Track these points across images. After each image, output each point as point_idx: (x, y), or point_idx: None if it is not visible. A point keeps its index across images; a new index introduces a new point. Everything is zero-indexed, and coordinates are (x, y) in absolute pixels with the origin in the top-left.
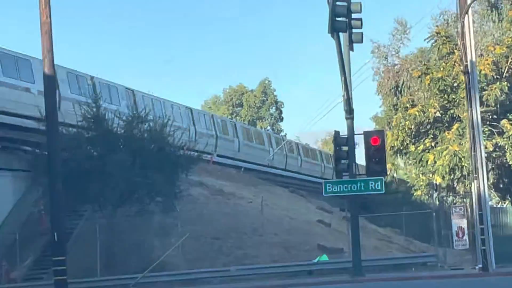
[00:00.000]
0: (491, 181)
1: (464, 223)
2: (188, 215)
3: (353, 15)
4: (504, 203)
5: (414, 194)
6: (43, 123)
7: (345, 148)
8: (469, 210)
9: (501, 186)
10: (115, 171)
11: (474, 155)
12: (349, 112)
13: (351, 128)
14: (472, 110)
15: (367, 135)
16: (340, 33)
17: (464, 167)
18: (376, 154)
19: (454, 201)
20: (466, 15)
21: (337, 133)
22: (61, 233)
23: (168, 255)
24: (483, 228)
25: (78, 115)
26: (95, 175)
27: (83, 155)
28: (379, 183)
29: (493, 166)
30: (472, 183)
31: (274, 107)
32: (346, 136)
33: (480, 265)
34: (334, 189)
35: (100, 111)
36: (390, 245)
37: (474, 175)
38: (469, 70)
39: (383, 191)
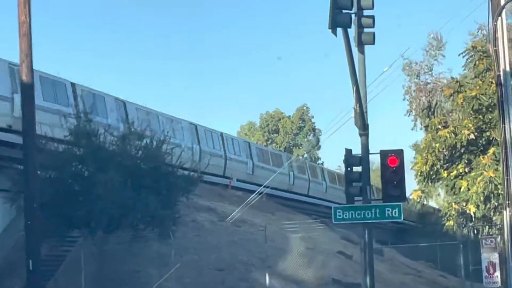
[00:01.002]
0: None
1: (495, 258)
2: (190, 243)
3: (364, 12)
4: None
5: (446, 224)
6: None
7: (357, 169)
8: (502, 243)
9: None
10: (104, 193)
11: (507, 179)
12: (363, 128)
13: (365, 146)
14: (505, 126)
15: (383, 154)
16: (352, 38)
17: (501, 195)
18: (394, 177)
19: (487, 232)
20: (499, 18)
21: (348, 151)
22: (36, 261)
23: (166, 287)
24: None
25: (56, 128)
26: (83, 197)
27: (70, 174)
28: (396, 209)
29: None
30: (504, 211)
31: (312, 134)
32: (360, 156)
33: None
34: (346, 215)
35: (89, 125)
36: (419, 279)
37: (507, 202)
38: (502, 82)
39: (401, 219)
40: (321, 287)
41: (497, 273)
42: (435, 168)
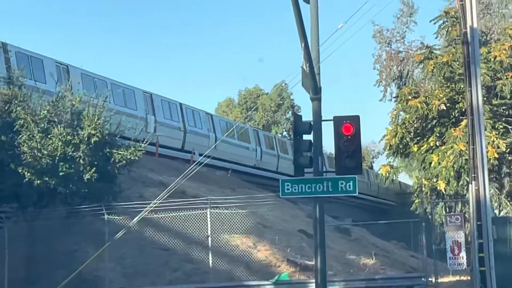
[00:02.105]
0: (507, 189)
1: (461, 237)
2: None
3: None
4: None
5: (416, 201)
6: None
7: (308, 137)
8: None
9: None
10: (32, 163)
11: (473, 149)
12: (315, 91)
13: (317, 112)
14: (471, 90)
15: (337, 121)
16: None
17: None
18: (349, 146)
19: (460, 210)
20: None
21: (297, 117)
22: None
23: (104, 268)
24: (482, 243)
25: None
26: (10, 168)
27: None
28: (351, 183)
29: (508, 171)
30: (470, 185)
31: (290, 112)
32: (310, 122)
33: None
34: (294, 189)
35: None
36: (387, 260)
37: (473, 175)
38: (469, 39)
39: (356, 193)
40: (272, 269)
41: (463, 254)
42: (405, 141)
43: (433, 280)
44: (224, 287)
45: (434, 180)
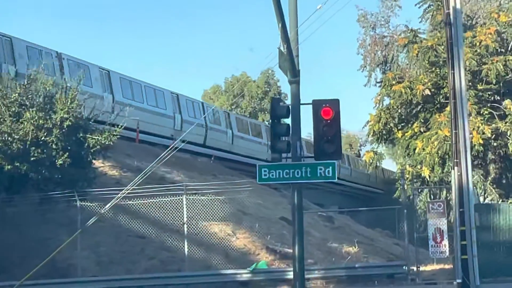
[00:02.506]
0: (492, 176)
1: (443, 224)
2: (112, 207)
3: None
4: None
5: (399, 188)
6: None
7: (286, 121)
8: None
9: (503, 181)
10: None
11: (456, 133)
12: (293, 73)
13: (296, 95)
14: (454, 72)
15: (316, 104)
16: None
17: None
18: (328, 131)
19: (445, 197)
20: None
21: (275, 100)
22: None
23: (77, 256)
24: (464, 230)
25: None
26: None
27: None
28: (330, 168)
29: (494, 157)
30: (452, 170)
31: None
32: (289, 105)
33: (459, 280)
34: (272, 175)
35: None
36: (370, 248)
37: (455, 160)
38: (451, 20)
39: (335, 179)
40: (250, 257)
41: (445, 242)
42: (389, 127)
43: (415, 268)
44: (200, 275)
45: (418, 167)
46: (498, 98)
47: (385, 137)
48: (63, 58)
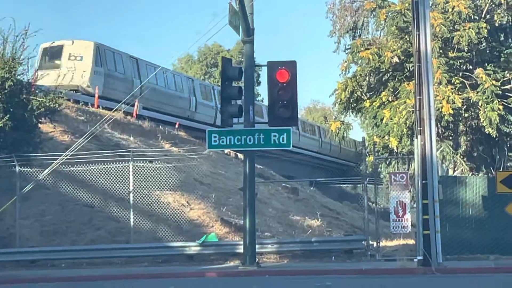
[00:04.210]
0: (463, 148)
1: (406, 197)
2: (55, 173)
3: None
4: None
5: (366, 160)
6: None
7: (238, 84)
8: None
9: (474, 154)
10: None
11: (420, 100)
12: (247, 32)
13: (249, 56)
14: (419, 34)
15: (271, 66)
16: None
17: None
18: (284, 95)
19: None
20: None
21: (226, 60)
22: None
23: (20, 225)
24: (427, 204)
25: None
26: None
27: None
28: (285, 135)
29: (465, 129)
30: (415, 140)
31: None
32: (241, 67)
33: (420, 257)
34: (222, 141)
35: None
36: (334, 222)
37: (418, 128)
38: None
39: (290, 147)
40: (203, 229)
41: (407, 216)
42: (356, 95)
43: (375, 244)
44: (145, 248)
45: (386, 137)
46: (470, 67)
47: (352, 106)
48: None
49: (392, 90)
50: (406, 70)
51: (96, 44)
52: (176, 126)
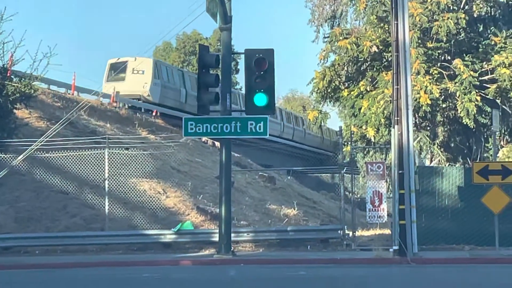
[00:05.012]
0: (440, 139)
1: (382, 187)
2: (30, 159)
3: None
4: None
5: (344, 150)
6: None
7: (215, 71)
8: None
9: (451, 145)
10: None
11: (397, 89)
12: (224, 19)
13: (227, 44)
14: (397, 23)
15: (249, 54)
16: None
17: None
18: (261, 83)
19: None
20: None
21: (203, 48)
22: None
23: None
24: (403, 194)
25: None
26: None
27: None
28: (262, 124)
29: (442, 119)
30: (392, 129)
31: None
32: (218, 54)
33: (396, 247)
34: (199, 129)
35: None
36: (311, 211)
37: (396, 118)
38: None
39: (266, 135)
40: (179, 217)
41: (384, 206)
42: (334, 84)
43: (351, 233)
44: (120, 235)
45: (364, 127)
46: (449, 57)
47: (330, 95)
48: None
49: (370, 79)
50: (385, 60)
51: (154, 60)
52: (154, 113)
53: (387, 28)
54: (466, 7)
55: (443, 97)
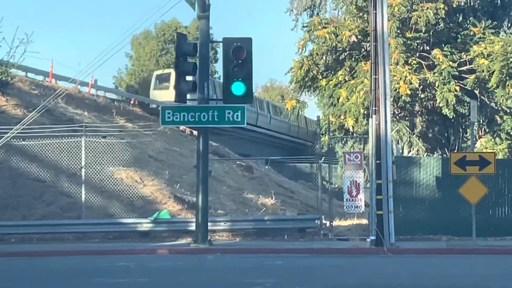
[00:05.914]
0: (418, 129)
1: (360, 177)
2: (6, 147)
3: None
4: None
5: (322, 139)
6: None
7: (193, 60)
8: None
9: (429, 135)
10: None
11: (375, 79)
12: (203, 7)
13: (205, 32)
14: (376, 13)
15: (227, 43)
16: None
17: None
18: (239, 72)
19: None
20: None
21: (181, 36)
22: None
23: None
24: (380, 184)
25: None
26: None
27: None
28: (239, 113)
29: (421, 109)
30: (370, 119)
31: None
32: (196, 43)
33: (373, 237)
34: (176, 117)
35: None
36: (289, 201)
37: (374, 108)
38: None
39: (244, 124)
40: (156, 206)
41: (361, 196)
42: (312, 74)
43: (328, 223)
44: (96, 224)
45: (342, 117)
46: (428, 48)
47: (308, 84)
48: None
49: (348, 69)
50: (363, 50)
51: None
52: (132, 102)
53: (366, 18)
54: None
55: (422, 87)
